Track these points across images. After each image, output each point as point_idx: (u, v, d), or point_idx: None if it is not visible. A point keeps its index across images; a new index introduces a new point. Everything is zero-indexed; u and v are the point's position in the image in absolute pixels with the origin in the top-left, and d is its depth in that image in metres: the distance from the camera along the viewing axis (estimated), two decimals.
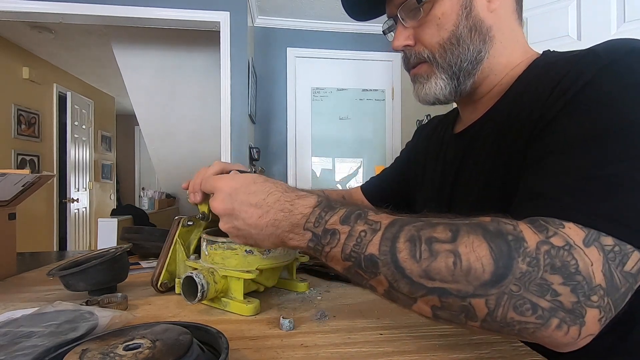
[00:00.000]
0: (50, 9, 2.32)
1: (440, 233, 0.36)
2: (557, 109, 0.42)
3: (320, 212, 0.41)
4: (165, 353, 0.29)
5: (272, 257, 0.55)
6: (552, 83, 0.44)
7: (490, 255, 0.33)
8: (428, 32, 0.54)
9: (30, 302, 0.57)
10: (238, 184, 0.46)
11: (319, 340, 0.43)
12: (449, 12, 0.52)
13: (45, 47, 3.69)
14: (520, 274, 0.33)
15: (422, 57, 0.56)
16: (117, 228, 2.85)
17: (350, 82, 3.15)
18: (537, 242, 0.34)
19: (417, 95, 0.59)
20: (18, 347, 0.34)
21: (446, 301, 0.35)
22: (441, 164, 0.65)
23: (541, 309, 0.33)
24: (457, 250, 0.34)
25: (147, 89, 3.40)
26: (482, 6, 0.53)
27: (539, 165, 0.41)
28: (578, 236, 0.34)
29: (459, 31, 0.53)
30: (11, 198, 0.76)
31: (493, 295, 0.33)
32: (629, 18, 1.42)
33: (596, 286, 0.32)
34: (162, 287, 0.60)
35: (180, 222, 0.62)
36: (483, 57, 0.54)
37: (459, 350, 0.40)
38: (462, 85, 0.55)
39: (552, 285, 0.32)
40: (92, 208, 4.71)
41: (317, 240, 0.40)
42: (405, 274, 0.36)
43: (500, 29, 0.54)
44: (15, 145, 3.56)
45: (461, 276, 0.34)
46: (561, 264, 0.33)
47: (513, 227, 0.35)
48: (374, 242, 0.37)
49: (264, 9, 2.87)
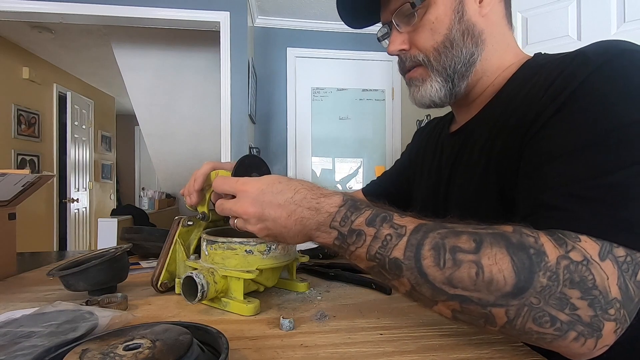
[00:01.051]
0: (50, 9, 2.32)
1: (464, 243, 0.37)
2: (551, 112, 0.42)
3: (346, 211, 0.42)
4: (165, 353, 0.29)
5: (272, 257, 0.55)
6: (545, 83, 0.45)
7: (512, 268, 0.35)
8: (422, 36, 0.55)
9: (30, 302, 0.57)
10: (264, 184, 0.46)
11: (319, 341, 0.43)
12: (442, 17, 0.54)
13: (45, 47, 3.68)
14: (541, 287, 0.34)
15: (417, 60, 0.57)
16: (117, 228, 2.86)
17: (350, 82, 3.15)
18: (558, 257, 0.35)
19: (413, 99, 0.60)
20: (18, 347, 0.34)
21: (467, 307, 0.37)
22: (437, 162, 0.67)
23: (560, 322, 0.34)
24: (480, 262, 0.35)
25: (147, 89, 3.40)
26: (473, 11, 0.55)
27: (542, 172, 0.41)
28: (594, 250, 0.35)
29: (452, 35, 0.54)
30: (11, 198, 0.76)
31: (514, 306, 0.35)
32: (629, 18, 1.42)
33: (612, 299, 0.34)
34: (162, 287, 0.60)
35: (180, 222, 0.62)
36: (476, 60, 0.55)
37: (459, 351, 0.40)
38: (457, 87, 0.57)
39: (570, 300, 0.34)
40: (92, 208, 4.71)
41: (343, 239, 0.42)
42: (429, 280, 0.37)
43: (491, 32, 0.56)
44: (15, 145, 3.56)
45: (483, 286, 0.35)
46: (579, 279, 0.34)
47: (535, 239, 0.36)
48: (399, 246, 0.39)
49: (264, 9, 2.87)
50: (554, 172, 0.40)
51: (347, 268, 0.71)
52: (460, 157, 0.59)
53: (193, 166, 3.24)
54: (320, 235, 0.44)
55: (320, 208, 0.43)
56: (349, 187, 3.19)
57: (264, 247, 0.55)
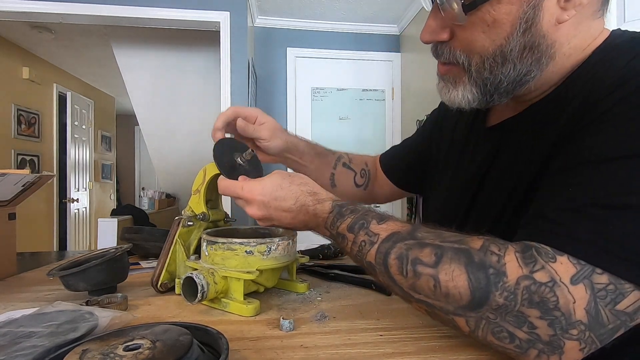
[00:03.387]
0: (50, 9, 2.32)
1: (426, 256, 0.38)
2: (602, 109, 0.37)
3: (333, 218, 0.49)
4: (165, 354, 0.29)
5: (272, 257, 0.55)
6: (609, 72, 0.39)
7: (467, 286, 0.35)
8: (470, 35, 0.43)
9: (30, 302, 0.57)
10: (266, 194, 0.52)
11: (319, 341, 0.43)
12: (503, 21, 0.40)
13: (45, 47, 3.68)
14: (497, 306, 0.34)
15: (456, 60, 0.46)
16: (117, 228, 2.85)
17: (350, 82, 3.15)
18: (518, 277, 0.34)
19: (441, 95, 0.51)
20: (18, 347, 0.34)
21: (432, 311, 0.40)
22: (467, 159, 0.58)
23: (518, 339, 0.34)
24: (437, 277, 0.37)
25: (147, 89, 3.40)
26: (549, 19, 0.40)
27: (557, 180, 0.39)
28: (567, 273, 0.33)
29: (509, 47, 0.41)
30: (11, 198, 0.76)
31: (472, 317, 0.36)
32: (629, 18, 1.42)
33: (576, 321, 0.32)
34: (162, 287, 0.60)
35: (180, 222, 0.62)
36: (530, 79, 0.44)
37: (459, 352, 0.40)
38: (496, 101, 0.47)
39: (528, 318, 0.34)
40: (92, 208, 4.71)
41: (334, 239, 0.50)
42: (397, 284, 0.41)
43: (567, 40, 0.42)
44: (15, 145, 3.56)
45: (441, 297, 0.37)
46: (540, 300, 0.33)
47: (498, 258, 0.36)
48: (371, 252, 0.43)
49: (264, 9, 2.87)
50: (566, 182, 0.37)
51: (347, 269, 0.71)
52: (497, 163, 0.52)
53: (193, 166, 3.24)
54: (320, 231, 0.52)
55: (317, 214, 0.51)
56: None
57: (264, 247, 0.55)
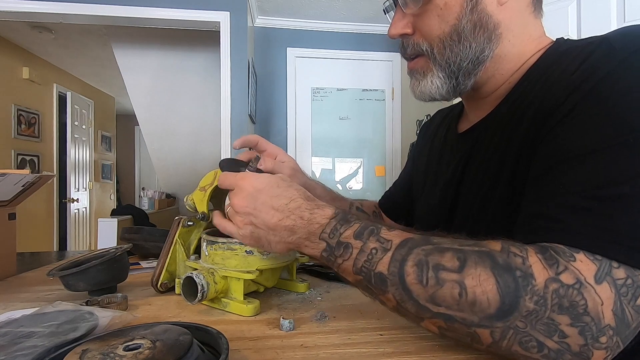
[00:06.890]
0: (50, 9, 2.32)
1: (448, 261, 0.35)
2: (566, 110, 0.39)
3: (336, 224, 0.42)
4: (165, 353, 0.29)
5: (272, 257, 0.55)
6: (564, 76, 0.41)
7: (496, 291, 0.33)
8: (428, 22, 0.50)
9: (30, 302, 0.57)
10: (262, 185, 0.47)
11: (319, 341, 0.43)
12: (452, 3, 0.48)
13: (45, 47, 3.68)
14: (527, 312, 0.32)
15: (419, 49, 0.52)
16: (117, 228, 2.86)
17: (350, 82, 3.15)
18: (546, 280, 0.33)
19: (413, 91, 0.56)
20: (18, 347, 0.34)
21: (452, 326, 0.36)
22: (444, 166, 0.62)
23: (547, 349, 0.33)
24: (464, 282, 0.34)
25: (147, 89, 3.40)
26: (491, 0, 0.48)
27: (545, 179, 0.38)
28: (589, 271, 0.32)
29: (461, 26, 0.48)
30: (11, 198, 0.76)
31: (498, 328, 0.33)
32: (629, 18, 1.42)
33: (605, 326, 0.31)
34: (162, 287, 0.60)
35: (180, 222, 0.62)
36: (486, 57, 0.49)
37: (459, 351, 0.40)
38: (462, 85, 0.52)
39: (559, 326, 0.32)
40: (92, 208, 4.70)
41: (331, 251, 0.42)
42: (412, 296, 0.36)
43: (509, 25, 0.49)
44: (15, 145, 3.56)
45: (466, 307, 0.34)
46: (569, 304, 0.32)
47: (522, 260, 0.34)
48: (383, 261, 0.38)
49: (264, 9, 2.87)
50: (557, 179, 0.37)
51: None
52: (471, 162, 0.54)
53: (193, 166, 3.24)
54: (309, 245, 0.44)
55: (313, 219, 0.43)
56: (349, 187, 3.20)
57: None
